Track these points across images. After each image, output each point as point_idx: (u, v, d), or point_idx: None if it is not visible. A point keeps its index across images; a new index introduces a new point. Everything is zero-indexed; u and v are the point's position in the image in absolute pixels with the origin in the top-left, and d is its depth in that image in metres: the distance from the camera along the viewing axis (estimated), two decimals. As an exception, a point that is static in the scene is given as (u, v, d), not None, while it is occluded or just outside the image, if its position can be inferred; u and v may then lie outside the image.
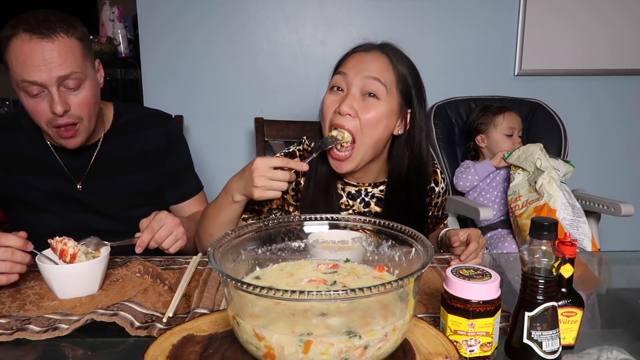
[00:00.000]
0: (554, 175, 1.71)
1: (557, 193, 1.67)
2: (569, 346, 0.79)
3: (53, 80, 1.12)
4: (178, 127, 1.46)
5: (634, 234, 2.44)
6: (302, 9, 2.20)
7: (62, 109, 1.14)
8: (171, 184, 1.42)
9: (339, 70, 1.17)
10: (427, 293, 0.95)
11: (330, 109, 1.16)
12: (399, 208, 1.22)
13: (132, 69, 2.74)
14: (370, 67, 1.14)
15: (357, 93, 1.14)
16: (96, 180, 1.32)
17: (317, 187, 1.22)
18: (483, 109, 2.02)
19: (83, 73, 1.16)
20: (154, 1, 2.15)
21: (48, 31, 1.11)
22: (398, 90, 1.16)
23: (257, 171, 1.06)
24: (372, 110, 1.13)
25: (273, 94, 2.22)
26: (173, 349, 0.71)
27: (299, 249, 0.85)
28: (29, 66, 1.10)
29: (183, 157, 1.45)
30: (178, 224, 1.10)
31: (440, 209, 1.36)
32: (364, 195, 1.26)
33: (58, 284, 0.92)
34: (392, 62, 1.16)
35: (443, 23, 2.24)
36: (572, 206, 1.68)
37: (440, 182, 1.33)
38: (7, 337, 0.78)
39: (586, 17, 2.25)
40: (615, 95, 2.37)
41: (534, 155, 1.77)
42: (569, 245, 0.77)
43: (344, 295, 0.58)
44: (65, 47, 1.12)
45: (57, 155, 1.29)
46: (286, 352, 0.61)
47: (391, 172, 1.25)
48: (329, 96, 1.18)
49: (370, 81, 1.13)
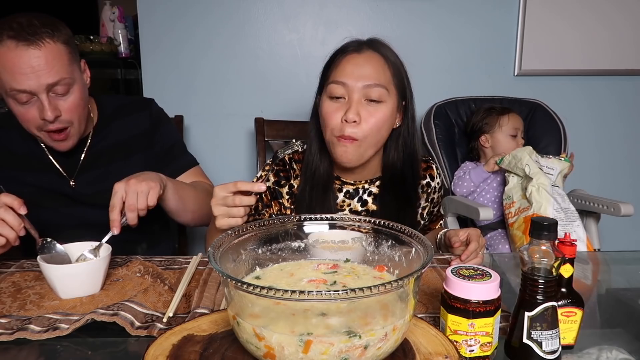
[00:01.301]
0: (543, 181, 1.69)
1: (546, 201, 1.66)
2: (569, 346, 0.79)
3: (42, 87, 1.12)
4: (160, 108, 1.47)
5: (634, 234, 2.44)
6: (302, 9, 2.20)
7: (52, 115, 1.14)
8: (163, 163, 1.41)
9: (337, 79, 1.15)
10: (427, 293, 0.95)
11: (334, 117, 1.15)
12: (394, 202, 1.23)
13: (133, 69, 2.74)
14: (368, 73, 1.14)
15: (359, 99, 1.14)
16: (88, 174, 1.32)
17: (314, 187, 1.22)
18: (487, 109, 2.01)
19: (71, 78, 1.16)
20: (154, 1, 2.15)
21: (34, 37, 1.09)
22: (395, 86, 1.17)
23: (214, 199, 1.02)
24: (378, 113, 1.14)
25: (273, 94, 2.22)
26: (173, 349, 0.71)
27: (299, 249, 0.85)
28: (16, 74, 1.09)
29: (169, 135, 1.45)
30: (134, 183, 1.06)
31: (437, 205, 1.36)
32: (361, 194, 1.26)
33: (60, 284, 0.92)
34: (386, 60, 1.16)
35: (443, 23, 2.24)
36: (565, 210, 1.67)
37: (436, 177, 1.33)
38: (8, 336, 0.78)
39: (586, 17, 2.25)
40: (616, 95, 2.37)
41: (523, 161, 1.76)
42: (569, 245, 0.77)
43: (344, 295, 0.58)
44: (52, 54, 1.12)
45: (49, 153, 1.30)
46: (286, 352, 0.62)
47: (385, 166, 1.25)
48: (329, 104, 1.17)
49: (372, 88, 1.13)
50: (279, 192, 1.28)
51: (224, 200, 1.01)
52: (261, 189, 1.00)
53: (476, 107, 2.11)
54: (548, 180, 1.71)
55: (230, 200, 1.00)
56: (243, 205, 1.00)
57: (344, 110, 1.13)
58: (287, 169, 1.28)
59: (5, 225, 0.97)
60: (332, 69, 1.18)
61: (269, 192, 1.28)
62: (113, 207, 1.05)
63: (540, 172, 1.72)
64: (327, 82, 1.17)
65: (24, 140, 1.29)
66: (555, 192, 1.71)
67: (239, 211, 1.01)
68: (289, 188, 1.26)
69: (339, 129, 1.15)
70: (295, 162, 1.28)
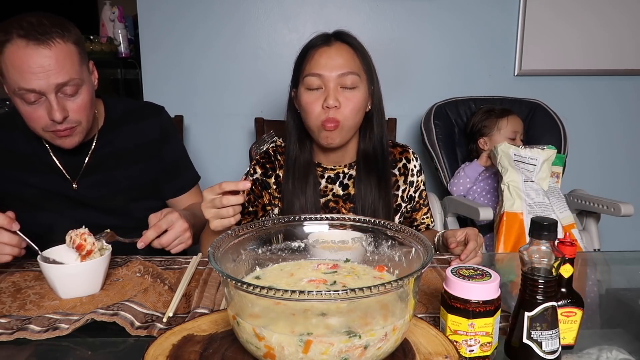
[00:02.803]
0: (514, 178, 1.71)
1: (518, 198, 1.68)
2: (569, 346, 0.79)
3: (51, 87, 1.11)
4: (170, 118, 1.46)
5: (634, 234, 2.44)
6: (302, 9, 2.20)
7: (61, 116, 1.13)
8: (169, 177, 1.41)
9: (313, 72, 1.22)
10: (427, 293, 0.95)
11: (315, 106, 1.22)
12: (370, 184, 1.29)
13: (133, 69, 2.75)
14: (340, 63, 1.21)
15: (336, 87, 1.21)
16: (92, 177, 1.32)
17: (296, 175, 1.28)
18: (486, 111, 2.00)
19: (80, 79, 1.15)
20: (154, 1, 2.15)
21: (44, 37, 1.09)
22: (364, 72, 1.25)
23: (203, 203, 1.06)
24: (354, 98, 1.22)
25: (273, 94, 2.22)
26: (173, 349, 0.71)
27: (299, 249, 0.85)
28: (26, 74, 1.08)
29: (177, 148, 1.45)
30: (186, 229, 1.10)
31: (417, 190, 1.39)
32: (341, 178, 1.33)
33: (60, 283, 0.92)
34: (355, 49, 1.24)
35: (443, 23, 2.24)
36: (539, 205, 1.67)
37: (412, 159, 1.39)
38: (8, 336, 0.78)
39: (586, 17, 2.25)
40: (616, 95, 2.37)
41: (496, 159, 1.77)
42: (569, 245, 0.77)
43: (344, 295, 0.58)
44: (62, 54, 1.11)
45: (53, 154, 1.29)
46: (286, 352, 0.62)
47: (360, 150, 1.32)
48: (308, 95, 1.23)
49: (346, 76, 1.21)
50: (267, 183, 1.34)
51: (212, 202, 1.04)
52: (246, 186, 1.04)
53: (476, 107, 2.11)
54: (520, 176, 1.71)
55: (218, 202, 1.04)
56: (231, 205, 1.04)
57: (323, 99, 1.21)
58: (272, 160, 1.35)
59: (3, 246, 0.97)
60: (305, 63, 1.24)
61: (258, 184, 1.34)
62: (159, 229, 1.07)
63: (511, 169, 1.72)
64: (303, 76, 1.24)
65: (27, 141, 1.28)
66: (529, 188, 1.71)
67: (227, 211, 1.05)
68: (275, 178, 1.33)
69: (321, 115, 1.22)
70: (279, 154, 1.35)
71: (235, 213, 1.06)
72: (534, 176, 1.73)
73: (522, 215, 1.67)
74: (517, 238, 1.66)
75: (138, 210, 1.34)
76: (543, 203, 1.69)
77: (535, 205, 1.68)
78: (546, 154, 1.75)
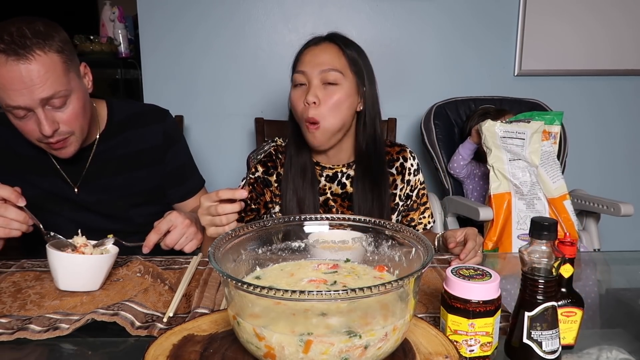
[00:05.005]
0: (498, 158, 1.71)
1: (503, 178, 1.69)
2: (569, 346, 0.79)
3: (36, 102, 1.07)
4: (175, 122, 1.44)
5: (634, 234, 2.45)
6: (302, 9, 2.20)
7: (50, 129, 1.10)
8: (174, 182, 1.40)
9: (298, 69, 1.26)
10: (427, 293, 0.95)
11: (299, 102, 1.26)
12: (367, 183, 1.31)
13: (133, 69, 2.74)
14: (323, 60, 1.24)
15: (318, 84, 1.24)
16: (93, 181, 1.31)
17: (296, 174, 1.31)
18: (482, 114, 2.00)
19: (67, 89, 1.11)
20: (154, 1, 2.15)
21: (23, 50, 1.04)
22: (352, 72, 1.27)
23: (200, 210, 1.06)
24: (334, 95, 1.24)
25: (273, 94, 2.22)
26: (173, 349, 0.71)
27: (299, 249, 0.85)
28: (9, 91, 1.05)
29: (182, 154, 1.42)
30: (189, 225, 1.10)
31: (415, 190, 1.40)
32: (340, 177, 1.35)
33: (63, 272, 0.93)
34: (342, 48, 1.27)
35: (443, 23, 2.24)
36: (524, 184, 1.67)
37: (410, 158, 1.40)
38: (8, 336, 0.78)
39: (586, 17, 2.25)
40: (616, 95, 2.38)
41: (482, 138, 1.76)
42: (569, 245, 0.77)
43: (344, 295, 0.58)
44: (44, 67, 1.06)
45: (53, 158, 1.28)
46: (286, 352, 0.62)
47: (355, 150, 1.35)
48: (294, 92, 1.29)
49: (327, 72, 1.23)
50: (268, 181, 1.36)
51: (208, 210, 1.04)
52: (242, 195, 1.03)
53: (476, 107, 2.11)
54: (505, 155, 1.71)
55: (214, 210, 1.03)
56: (226, 213, 1.03)
57: (306, 95, 1.24)
58: (273, 159, 1.37)
59: (10, 221, 0.97)
60: (295, 62, 1.30)
61: (260, 182, 1.35)
62: (159, 230, 1.07)
63: (495, 149, 1.71)
64: (292, 74, 1.29)
65: (29, 144, 1.27)
66: (514, 167, 1.70)
67: (221, 220, 1.04)
68: (276, 177, 1.36)
69: (303, 112, 1.25)
70: (280, 153, 1.38)
71: (229, 222, 1.05)
72: (525, 150, 1.69)
73: (509, 196, 1.68)
74: (505, 219, 1.67)
75: (140, 215, 1.34)
76: (530, 182, 1.69)
77: (522, 185, 1.67)
78: (533, 126, 1.71)
